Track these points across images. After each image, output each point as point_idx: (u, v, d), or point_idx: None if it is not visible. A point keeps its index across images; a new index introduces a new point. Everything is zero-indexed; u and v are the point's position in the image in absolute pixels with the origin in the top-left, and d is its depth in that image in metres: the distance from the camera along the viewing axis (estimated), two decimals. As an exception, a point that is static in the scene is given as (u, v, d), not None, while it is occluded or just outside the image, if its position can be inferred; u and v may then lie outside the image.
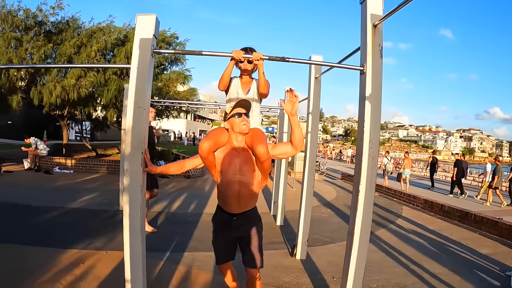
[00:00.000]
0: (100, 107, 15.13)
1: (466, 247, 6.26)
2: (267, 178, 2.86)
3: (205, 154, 2.61)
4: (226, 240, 2.88)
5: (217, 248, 2.94)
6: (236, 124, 2.62)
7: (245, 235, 2.84)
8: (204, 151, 2.60)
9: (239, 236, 2.86)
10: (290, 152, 2.70)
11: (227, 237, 2.86)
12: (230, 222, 2.79)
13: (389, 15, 2.66)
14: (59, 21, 13.32)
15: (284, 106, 2.63)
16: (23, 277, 3.79)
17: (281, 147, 2.74)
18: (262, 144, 2.57)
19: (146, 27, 2.73)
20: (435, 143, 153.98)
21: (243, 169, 2.64)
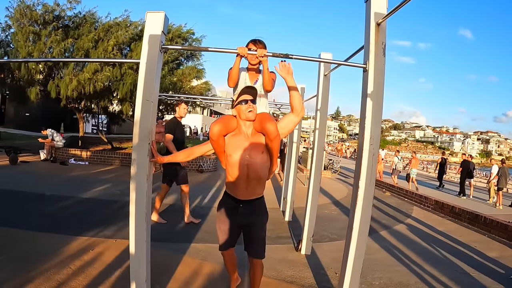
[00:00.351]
0: (116, 101, 15.32)
1: (474, 249, 6.21)
2: (276, 163, 2.95)
3: (215, 136, 2.74)
4: (231, 226, 2.99)
5: (221, 233, 3.06)
6: (242, 111, 2.74)
7: (249, 224, 2.97)
8: (215, 133, 2.73)
9: (244, 224, 2.98)
10: (293, 120, 2.81)
11: (232, 223, 2.98)
12: (236, 209, 2.91)
13: (391, 14, 2.70)
14: (75, 16, 13.57)
15: (280, 72, 2.74)
16: (34, 260, 3.94)
17: (284, 118, 2.86)
18: (270, 122, 2.70)
19: (155, 24, 2.83)
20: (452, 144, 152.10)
21: (251, 153, 2.76)
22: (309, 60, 3.21)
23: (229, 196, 2.97)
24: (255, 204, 2.95)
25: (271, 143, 2.73)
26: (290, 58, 2.81)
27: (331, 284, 4.15)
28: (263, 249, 3.09)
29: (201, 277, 4.00)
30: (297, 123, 2.92)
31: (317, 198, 5.14)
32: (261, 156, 2.77)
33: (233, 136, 2.83)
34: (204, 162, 14.03)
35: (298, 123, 2.94)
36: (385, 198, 11.66)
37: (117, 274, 3.83)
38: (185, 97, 12.33)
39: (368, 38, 2.86)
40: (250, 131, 2.81)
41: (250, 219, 2.96)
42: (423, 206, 10.38)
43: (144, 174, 2.87)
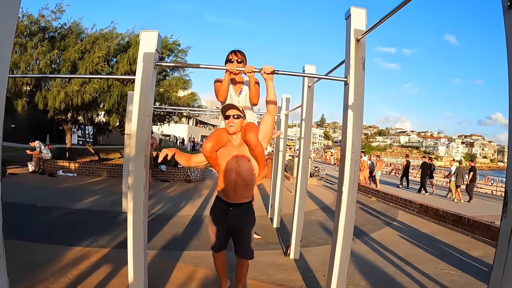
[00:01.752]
0: (102, 112, 15.34)
1: (458, 249, 6.41)
2: (265, 168, 3.19)
3: (208, 153, 3.00)
4: (221, 227, 3.23)
5: (213, 234, 3.29)
6: (225, 125, 3.04)
7: (238, 227, 3.21)
8: (208, 150, 2.98)
9: (233, 226, 3.21)
10: (268, 120, 3.15)
11: (222, 225, 3.22)
12: (227, 211, 3.15)
13: (370, 30, 2.92)
14: (61, 27, 13.59)
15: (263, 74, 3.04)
16: (32, 270, 4.03)
17: (261, 123, 3.18)
18: (251, 132, 2.94)
19: (149, 42, 3.02)
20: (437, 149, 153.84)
21: (239, 161, 3.02)
22: (294, 75, 3.42)
23: (220, 199, 3.23)
24: (243, 208, 3.20)
25: (253, 152, 2.99)
26: (276, 73, 3.02)
27: (320, 285, 4.31)
28: (250, 251, 3.32)
29: (195, 282, 4.15)
30: (273, 123, 3.22)
31: (304, 204, 5.32)
32: (248, 164, 3.03)
33: (224, 148, 3.10)
34: (192, 172, 14.14)
35: (274, 123, 3.24)
36: (370, 203, 11.88)
37: (114, 281, 3.94)
38: (172, 108, 12.48)
39: (348, 53, 3.07)
40: (238, 142, 3.08)
41: (238, 222, 3.20)
42: (408, 210, 10.60)
43: (141, 184, 3.03)
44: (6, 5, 1.64)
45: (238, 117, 3.01)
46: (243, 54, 3.29)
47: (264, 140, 3.07)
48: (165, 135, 41.27)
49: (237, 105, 3.14)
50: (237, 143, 3.08)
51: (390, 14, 2.61)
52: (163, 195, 10.28)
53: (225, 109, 3.04)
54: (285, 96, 7.44)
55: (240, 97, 3.38)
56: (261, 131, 3.09)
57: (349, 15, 3.07)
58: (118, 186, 9.46)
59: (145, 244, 3.17)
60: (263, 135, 3.07)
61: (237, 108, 3.04)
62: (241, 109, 3.07)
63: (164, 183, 12.88)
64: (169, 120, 17.86)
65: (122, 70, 13.44)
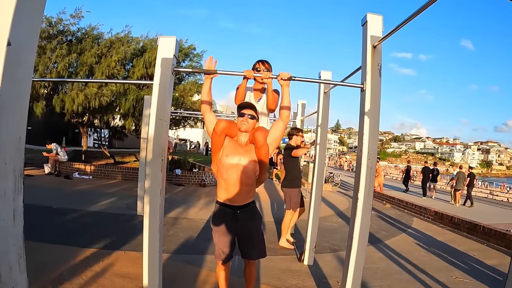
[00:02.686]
0: (118, 116, 15.53)
1: (473, 258, 6.32)
2: (266, 173, 3.17)
3: (219, 131, 2.95)
4: (229, 235, 3.10)
5: (221, 245, 3.12)
6: (238, 121, 3.03)
7: (248, 231, 3.14)
8: (220, 128, 2.94)
9: (242, 231, 3.12)
10: (280, 126, 3.10)
11: (231, 232, 3.09)
12: (235, 215, 3.03)
13: (386, 37, 2.92)
14: (78, 30, 13.86)
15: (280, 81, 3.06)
16: (47, 271, 4.09)
17: (272, 128, 3.14)
18: (260, 132, 2.93)
19: (167, 48, 3.07)
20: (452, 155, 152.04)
21: (244, 159, 2.98)
22: (310, 82, 3.43)
23: (224, 205, 3.07)
24: (250, 208, 3.11)
25: (258, 151, 2.94)
26: (293, 79, 3.03)
27: (333, 292, 4.31)
28: (264, 249, 3.26)
29: (209, 285, 4.17)
30: (284, 130, 3.15)
31: (318, 210, 5.32)
32: (253, 163, 2.98)
33: (231, 140, 3.07)
34: (207, 177, 14.22)
35: (284, 130, 3.16)
36: (385, 210, 11.80)
37: (128, 284, 3.99)
38: (187, 113, 12.56)
39: (365, 59, 3.08)
40: (245, 141, 3.06)
41: (248, 226, 3.11)
42: (423, 217, 10.50)
43: (158, 188, 3.07)
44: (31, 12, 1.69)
45: (252, 117, 3.02)
46: (269, 64, 3.40)
47: (271, 144, 3.03)
48: (180, 140, 41.54)
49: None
50: (244, 142, 3.06)
51: (406, 21, 2.62)
52: (178, 199, 10.33)
53: (242, 106, 3.05)
54: (301, 102, 7.46)
55: (259, 103, 3.45)
56: (271, 135, 3.05)
57: (366, 22, 3.09)
58: (133, 189, 9.56)
59: (161, 248, 3.20)
60: (271, 139, 3.03)
61: (253, 108, 3.04)
62: (257, 111, 3.08)
63: (179, 187, 12.97)
64: (184, 125, 17.97)
65: (138, 74, 13.61)
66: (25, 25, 1.68)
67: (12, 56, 1.59)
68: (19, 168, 1.69)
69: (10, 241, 1.69)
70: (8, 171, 1.61)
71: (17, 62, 1.64)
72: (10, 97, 1.59)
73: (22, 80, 1.68)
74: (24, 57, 1.70)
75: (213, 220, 3.15)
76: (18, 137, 1.68)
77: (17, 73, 1.65)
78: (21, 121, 1.69)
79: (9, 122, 1.60)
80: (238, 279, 3.91)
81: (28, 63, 1.73)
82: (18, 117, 1.68)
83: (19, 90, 1.67)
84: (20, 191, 1.72)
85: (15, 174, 1.67)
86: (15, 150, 1.66)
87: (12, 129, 1.64)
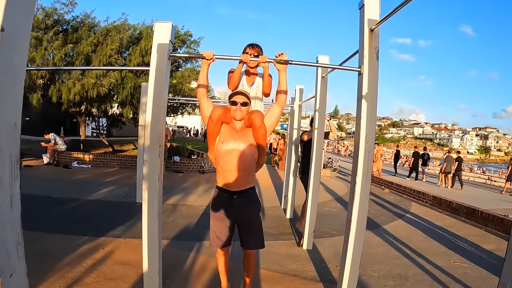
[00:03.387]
0: (116, 104, 15.45)
1: (471, 242, 6.36)
2: (264, 156, 3.14)
3: (215, 118, 2.93)
4: (226, 220, 3.08)
5: (217, 229, 3.11)
6: (231, 110, 3.01)
7: (246, 216, 3.11)
8: (216, 115, 2.92)
9: (240, 216, 3.10)
10: (276, 111, 3.10)
11: (228, 217, 3.07)
12: (231, 201, 3.03)
13: (384, 20, 2.90)
14: (73, 19, 13.70)
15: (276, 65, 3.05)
16: (47, 260, 4.11)
17: (268, 112, 3.12)
18: (256, 114, 2.92)
19: (163, 34, 3.04)
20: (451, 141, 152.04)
21: (240, 144, 2.96)
22: (308, 65, 3.42)
23: (222, 189, 3.08)
24: (248, 194, 3.08)
25: (256, 133, 2.93)
26: (290, 63, 3.01)
27: (333, 276, 4.34)
28: (262, 239, 3.20)
29: (209, 271, 4.19)
30: (280, 114, 3.13)
31: (317, 195, 5.33)
32: (250, 147, 2.96)
33: (227, 126, 3.05)
34: (205, 163, 14.23)
35: (280, 114, 3.14)
36: (384, 194, 11.84)
37: (129, 271, 4.02)
38: (185, 100, 12.52)
39: (362, 43, 3.06)
40: (240, 126, 3.05)
41: (246, 211, 3.09)
42: (421, 202, 10.56)
43: (156, 174, 3.06)
44: None
45: (245, 104, 3.00)
46: (260, 47, 3.36)
47: (268, 128, 3.02)
48: (179, 127, 41.48)
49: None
50: (239, 128, 3.05)
51: (403, 4, 2.60)
52: (177, 186, 10.35)
53: (233, 94, 3.03)
54: (299, 87, 7.42)
55: (252, 88, 3.44)
56: (266, 119, 3.03)
57: (363, 5, 3.06)
58: (132, 177, 9.60)
59: (160, 234, 3.21)
60: (268, 124, 3.01)
61: (244, 94, 3.02)
62: (248, 96, 3.05)
63: (178, 174, 13.01)
64: (182, 112, 17.91)
65: (135, 62, 13.50)
66: (18, 11, 1.66)
67: (5, 42, 1.58)
68: (15, 154, 1.68)
69: (7, 228, 1.69)
70: (4, 157, 1.60)
71: (10, 48, 1.62)
72: (5, 83, 1.58)
73: (16, 67, 1.67)
74: (18, 43, 1.68)
75: (211, 205, 3.16)
76: (14, 123, 1.67)
77: (11, 60, 1.63)
78: (16, 108, 1.68)
79: (4, 109, 1.60)
80: (237, 265, 3.92)
81: (22, 49, 1.71)
82: (13, 103, 1.67)
83: (13, 77, 1.66)
84: (17, 178, 1.71)
85: (11, 161, 1.66)
86: (10, 137, 1.65)
87: (7, 116, 1.63)
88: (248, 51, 3.30)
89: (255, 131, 2.92)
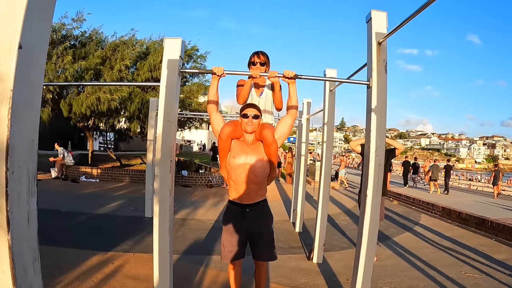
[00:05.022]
0: (123, 119, 15.57)
1: (482, 253, 6.30)
2: (276, 170, 3.14)
3: (225, 136, 2.95)
4: (239, 234, 3.08)
5: (229, 243, 3.09)
6: (243, 123, 3.02)
7: (259, 229, 3.09)
8: (225, 133, 2.94)
9: (253, 229, 3.08)
10: (288, 121, 3.12)
11: (240, 230, 3.07)
12: (244, 214, 3.04)
13: (391, 34, 2.92)
14: (82, 35, 13.84)
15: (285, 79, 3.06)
16: (57, 274, 4.12)
17: (279, 123, 3.14)
18: (268, 129, 2.94)
19: (173, 49, 3.10)
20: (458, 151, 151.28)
21: (252, 158, 2.97)
22: (316, 79, 3.45)
23: (234, 203, 3.09)
24: (260, 207, 3.09)
25: (268, 148, 2.94)
26: (298, 78, 3.04)
27: (344, 289, 4.31)
28: (274, 251, 3.19)
29: (219, 285, 4.18)
30: (292, 126, 3.16)
31: (327, 208, 5.32)
32: (261, 161, 2.97)
33: (237, 141, 3.06)
34: (213, 177, 14.26)
35: (292, 126, 3.18)
36: (393, 207, 11.77)
37: (139, 285, 4.01)
38: (192, 114, 12.60)
39: (370, 56, 3.08)
40: (251, 139, 3.06)
41: (258, 223, 3.08)
42: (430, 213, 10.48)
43: (167, 189, 3.08)
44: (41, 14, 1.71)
45: (256, 117, 3.02)
46: (266, 55, 3.35)
47: (279, 140, 3.04)
48: (186, 141, 41.59)
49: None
50: (251, 141, 3.05)
51: (411, 17, 2.62)
52: (185, 200, 10.36)
53: (244, 107, 3.05)
54: (306, 101, 7.46)
55: (261, 98, 3.45)
56: (278, 130, 3.06)
57: (370, 19, 3.08)
58: (140, 191, 9.63)
59: (171, 248, 3.22)
60: (279, 135, 3.03)
61: (256, 107, 3.04)
62: (259, 109, 3.07)
63: (186, 188, 13.01)
64: (189, 126, 17.99)
65: (143, 76, 13.61)
66: (36, 28, 1.69)
67: (23, 58, 1.61)
68: (33, 170, 1.71)
69: (24, 244, 1.70)
70: (21, 173, 1.62)
71: (28, 65, 1.65)
72: (23, 100, 1.61)
73: (33, 83, 1.70)
74: (35, 59, 1.71)
75: (223, 219, 3.17)
76: (31, 139, 1.69)
77: (28, 76, 1.66)
78: (33, 124, 1.71)
79: (22, 125, 1.62)
80: (248, 278, 3.91)
81: (39, 65, 1.75)
82: (31, 119, 1.69)
83: (31, 93, 1.68)
84: (34, 194, 1.73)
85: (29, 177, 1.68)
86: (28, 153, 1.67)
87: (25, 132, 1.65)
88: (253, 60, 3.30)
89: (267, 147, 2.94)
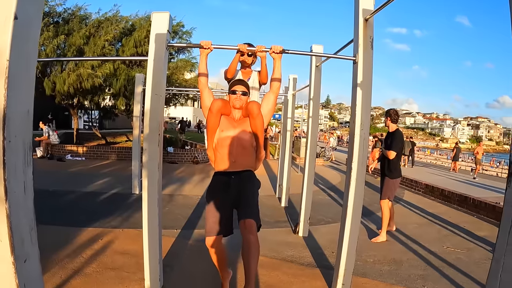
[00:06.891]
0: (108, 96, 15.41)
1: (464, 229, 6.45)
2: (262, 149, 3.18)
3: (215, 110, 2.94)
4: (223, 205, 2.96)
5: (212, 215, 2.93)
6: (231, 99, 3.08)
7: (242, 190, 2.97)
8: (216, 108, 2.94)
9: (236, 194, 2.97)
10: (271, 98, 3.20)
11: (224, 200, 2.97)
12: (228, 182, 3.00)
13: (378, 10, 2.96)
14: (64, 11, 13.55)
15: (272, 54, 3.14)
16: (47, 251, 4.05)
17: (263, 101, 3.22)
18: (253, 103, 2.97)
19: (161, 24, 3.09)
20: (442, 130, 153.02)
21: (239, 132, 3.01)
22: (303, 54, 3.48)
23: (219, 173, 3.08)
24: (246, 173, 3.07)
25: (254, 121, 2.96)
26: (286, 52, 3.07)
27: (329, 262, 4.42)
28: (256, 213, 2.89)
29: (208, 259, 4.25)
30: (275, 102, 3.25)
31: (312, 182, 5.42)
32: (248, 134, 3.02)
33: (226, 117, 3.08)
34: (199, 154, 14.27)
35: (276, 102, 3.26)
36: (377, 183, 11.93)
37: (129, 260, 4.08)
38: (178, 90, 12.51)
39: (357, 32, 3.12)
40: (238, 116, 3.11)
41: (241, 185, 2.99)
42: (414, 190, 10.66)
43: (155, 163, 3.11)
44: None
45: (244, 93, 3.07)
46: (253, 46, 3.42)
47: (265, 117, 3.07)
48: (171, 118, 41.40)
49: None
50: (238, 117, 3.10)
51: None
52: (172, 176, 10.39)
53: (233, 84, 3.10)
54: (292, 76, 7.47)
55: (248, 82, 3.50)
56: (263, 107, 3.10)
57: (357, -5, 3.11)
58: (126, 168, 9.62)
59: (160, 223, 3.27)
60: (265, 112, 3.07)
61: (244, 84, 3.09)
62: (248, 86, 3.13)
63: (172, 165, 13.02)
64: (175, 103, 17.87)
65: (128, 53, 13.39)
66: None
67: (19, 30, 1.60)
68: (28, 141, 1.72)
69: (21, 214, 1.73)
70: (17, 144, 1.64)
71: (24, 36, 1.64)
72: (18, 71, 1.60)
73: (29, 54, 1.70)
74: (30, 31, 1.71)
75: (207, 191, 3.15)
76: (26, 110, 1.70)
77: (24, 47, 1.66)
78: (28, 95, 1.71)
79: (18, 96, 1.62)
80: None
81: (34, 37, 1.74)
82: (26, 90, 1.69)
83: (26, 64, 1.68)
84: (30, 164, 1.75)
85: (24, 147, 1.70)
86: (23, 123, 1.68)
87: (21, 103, 1.66)
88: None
89: (253, 120, 2.96)
